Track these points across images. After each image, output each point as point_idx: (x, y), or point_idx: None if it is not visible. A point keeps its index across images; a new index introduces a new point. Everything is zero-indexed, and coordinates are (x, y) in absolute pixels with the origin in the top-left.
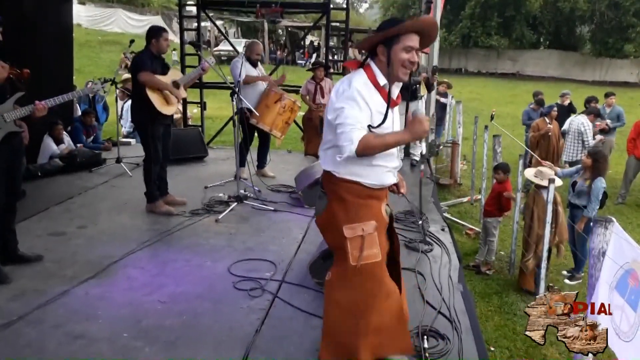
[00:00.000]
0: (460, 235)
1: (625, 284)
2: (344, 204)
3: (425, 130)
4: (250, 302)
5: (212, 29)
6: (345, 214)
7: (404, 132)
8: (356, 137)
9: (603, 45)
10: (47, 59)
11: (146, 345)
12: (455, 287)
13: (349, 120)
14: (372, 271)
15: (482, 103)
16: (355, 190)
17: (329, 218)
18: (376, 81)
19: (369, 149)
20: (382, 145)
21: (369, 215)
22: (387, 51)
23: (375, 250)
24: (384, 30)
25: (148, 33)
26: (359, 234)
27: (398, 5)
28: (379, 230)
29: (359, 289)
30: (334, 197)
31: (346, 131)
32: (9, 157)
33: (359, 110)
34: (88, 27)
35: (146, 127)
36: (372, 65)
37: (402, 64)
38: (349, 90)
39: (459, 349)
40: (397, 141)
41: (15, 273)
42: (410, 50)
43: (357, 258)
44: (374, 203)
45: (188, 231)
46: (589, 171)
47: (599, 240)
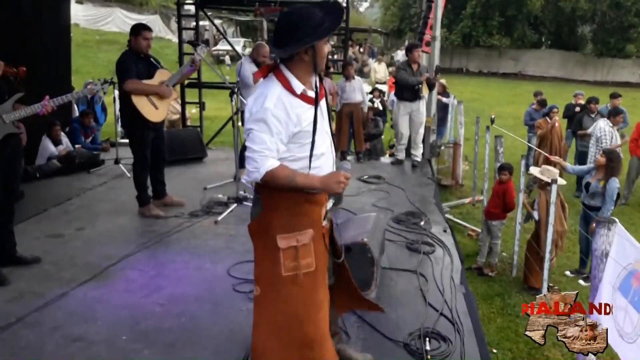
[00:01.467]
0: (462, 237)
1: (629, 285)
2: (279, 212)
3: (337, 190)
4: (250, 304)
5: (211, 28)
6: (280, 222)
7: (317, 180)
8: (264, 166)
9: (605, 45)
10: (45, 58)
11: (145, 347)
12: (458, 289)
13: (256, 147)
14: (303, 281)
15: (484, 103)
16: (292, 196)
17: (262, 225)
18: (291, 88)
19: (274, 182)
20: (289, 184)
21: (305, 223)
22: (312, 51)
23: (309, 260)
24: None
25: (130, 30)
26: (293, 245)
27: (399, 4)
28: (316, 237)
29: (291, 300)
30: (268, 203)
31: (254, 157)
32: (7, 158)
33: (269, 135)
34: (86, 27)
35: (135, 132)
36: (284, 71)
37: (325, 56)
38: (259, 111)
39: (461, 351)
40: (305, 185)
41: (14, 275)
42: (328, 41)
43: (290, 268)
44: (312, 209)
45: (187, 233)
46: (602, 171)
47: (602, 241)
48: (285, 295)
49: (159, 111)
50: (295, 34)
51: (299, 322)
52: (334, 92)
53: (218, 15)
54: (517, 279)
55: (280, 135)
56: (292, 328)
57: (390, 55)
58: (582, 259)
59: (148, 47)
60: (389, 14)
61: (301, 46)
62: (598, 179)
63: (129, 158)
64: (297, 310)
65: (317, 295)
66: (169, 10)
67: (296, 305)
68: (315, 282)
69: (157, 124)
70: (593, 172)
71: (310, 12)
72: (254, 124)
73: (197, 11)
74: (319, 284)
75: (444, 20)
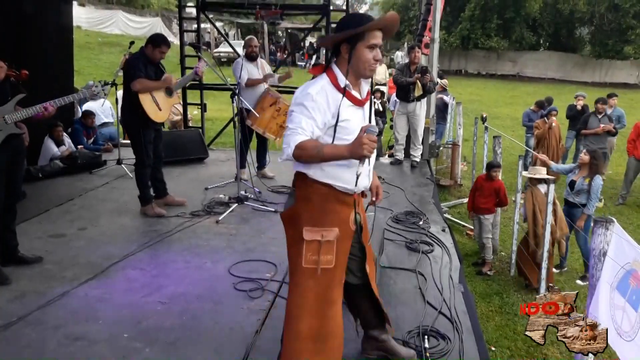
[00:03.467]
0: (460, 236)
1: (626, 284)
2: (311, 206)
3: (364, 152)
4: (251, 303)
5: (212, 31)
6: (309, 215)
7: (345, 148)
8: (293, 141)
9: (603, 47)
10: (48, 60)
11: (146, 346)
12: (456, 288)
13: (292, 125)
14: (320, 276)
15: (482, 104)
16: (324, 193)
17: (292, 215)
18: (337, 83)
19: (304, 155)
20: (316, 155)
21: (333, 221)
22: (350, 49)
23: (330, 257)
24: (347, 29)
25: (150, 37)
26: (317, 239)
27: (398, 7)
28: (342, 238)
29: (305, 292)
30: (302, 196)
31: (287, 134)
32: (9, 158)
33: (305, 117)
34: (88, 29)
35: (138, 131)
36: (334, 67)
37: (366, 63)
38: (301, 96)
39: (459, 349)
40: (334, 155)
41: (16, 274)
42: (374, 47)
43: (310, 261)
44: (341, 209)
45: (188, 232)
46: (586, 169)
47: (599, 241)
48: (301, 286)
49: (162, 112)
50: (337, 29)
51: (309, 315)
52: None
53: (219, 18)
54: (515, 277)
55: (316, 119)
56: (302, 319)
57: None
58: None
59: (161, 59)
60: None
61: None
62: (583, 176)
63: (131, 158)
64: (308, 302)
65: (331, 293)
66: (171, 13)
67: (309, 297)
68: (332, 280)
69: (157, 125)
70: (576, 171)
71: (357, 15)
72: (295, 107)
73: (198, 14)
74: (336, 282)
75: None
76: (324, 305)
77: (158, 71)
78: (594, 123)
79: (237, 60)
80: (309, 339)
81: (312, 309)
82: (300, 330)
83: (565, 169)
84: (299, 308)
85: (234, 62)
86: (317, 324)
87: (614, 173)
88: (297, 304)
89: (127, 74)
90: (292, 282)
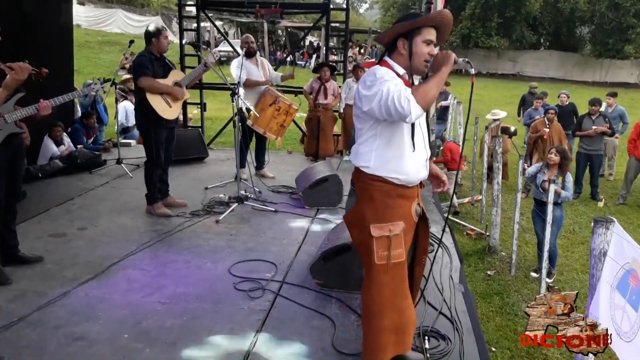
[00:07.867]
0: (461, 236)
1: (626, 284)
2: (373, 204)
3: (453, 58)
4: (251, 302)
5: (212, 30)
6: (373, 213)
7: (442, 67)
8: (407, 95)
9: (603, 46)
10: (47, 59)
11: (146, 346)
12: (457, 288)
13: (393, 89)
14: (394, 270)
15: (482, 104)
16: (386, 190)
17: (357, 216)
18: (395, 71)
19: (425, 94)
20: (430, 87)
21: (397, 215)
22: (408, 44)
23: (400, 251)
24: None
25: (146, 33)
26: (386, 234)
27: (398, 6)
28: (406, 230)
29: (382, 289)
30: (363, 195)
31: (396, 97)
32: (9, 158)
33: (392, 83)
34: (87, 28)
35: (149, 130)
36: (388, 60)
37: (423, 57)
38: (376, 77)
39: (460, 350)
40: (438, 75)
41: (16, 274)
42: (429, 43)
43: (382, 257)
44: (403, 203)
45: (188, 232)
46: (556, 168)
47: (600, 241)
48: (377, 283)
49: (173, 109)
50: (394, 25)
51: (389, 309)
52: (337, 95)
53: (219, 16)
54: (516, 277)
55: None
56: (383, 315)
57: None
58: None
59: (168, 44)
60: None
61: (395, 30)
62: (555, 175)
63: (131, 158)
64: (387, 298)
65: (404, 285)
66: (171, 12)
67: (386, 293)
68: (403, 272)
69: (171, 123)
70: (545, 171)
71: (415, 12)
72: (379, 85)
73: (198, 13)
74: (405, 274)
75: None
76: (400, 298)
77: (166, 67)
78: (587, 124)
79: (234, 60)
80: (391, 332)
81: (391, 304)
82: (384, 326)
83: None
84: (378, 304)
85: (233, 61)
86: (397, 317)
87: (615, 173)
88: (376, 301)
89: (134, 73)
90: (367, 279)
